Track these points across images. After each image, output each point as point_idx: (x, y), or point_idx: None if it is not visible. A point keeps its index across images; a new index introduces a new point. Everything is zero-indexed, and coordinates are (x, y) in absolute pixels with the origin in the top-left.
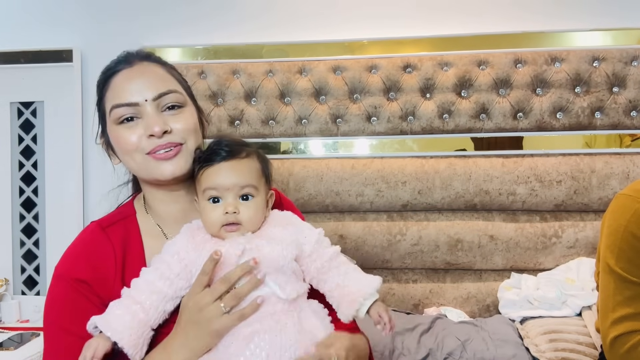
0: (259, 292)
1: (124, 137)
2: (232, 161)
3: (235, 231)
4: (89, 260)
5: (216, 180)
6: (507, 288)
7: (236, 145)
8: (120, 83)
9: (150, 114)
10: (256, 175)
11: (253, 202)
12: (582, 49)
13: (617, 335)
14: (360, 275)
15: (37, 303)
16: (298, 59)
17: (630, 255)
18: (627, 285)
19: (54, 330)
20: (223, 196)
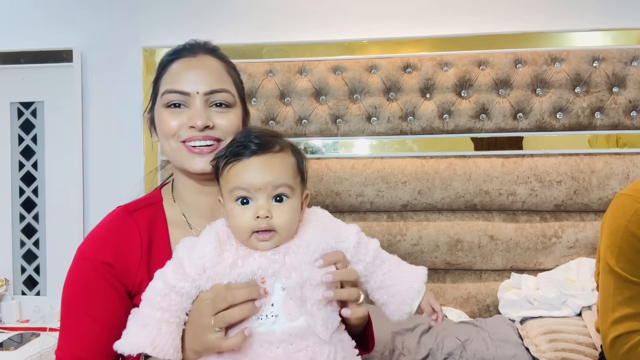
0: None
1: (166, 121)
2: (264, 156)
3: (268, 240)
4: (116, 244)
5: (246, 178)
6: (507, 288)
7: (268, 137)
8: (177, 70)
9: (197, 106)
10: (292, 173)
11: (288, 204)
12: (582, 49)
13: (617, 336)
14: (405, 270)
15: (37, 303)
16: (298, 59)
17: (631, 256)
18: (627, 285)
19: (74, 313)
20: (254, 197)
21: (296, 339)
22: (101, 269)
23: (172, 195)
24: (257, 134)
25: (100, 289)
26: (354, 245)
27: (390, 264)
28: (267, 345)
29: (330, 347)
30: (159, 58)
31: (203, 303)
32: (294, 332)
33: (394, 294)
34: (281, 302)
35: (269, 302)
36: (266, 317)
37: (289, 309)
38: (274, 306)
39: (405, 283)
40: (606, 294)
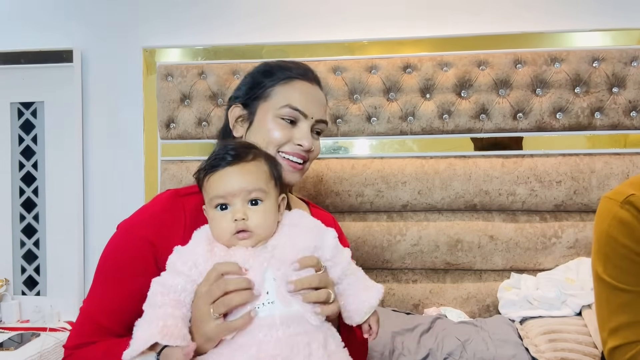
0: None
1: (277, 131)
2: (238, 165)
3: (246, 239)
4: (160, 224)
5: (222, 186)
6: (507, 288)
7: (242, 148)
8: (300, 89)
9: (306, 128)
10: (264, 178)
11: (262, 206)
12: (582, 49)
13: (615, 346)
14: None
15: (37, 303)
16: (298, 60)
17: (616, 261)
18: (618, 293)
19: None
20: (231, 203)
21: (293, 323)
22: (141, 243)
23: None
24: (232, 147)
25: (135, 262)
26: (333, 248)
27: (357, 276)
28: (267, 329)
29: (322, 334)
30: (159, 58)
31: (199, 296)
32: (291, 316)
33: (351, 303)
34: (274, 290)
35: (265, 290)
36: (263, 304)
37: (283, 296)
38: (269, 294)
39: (363, 298)
40: (599, 303)
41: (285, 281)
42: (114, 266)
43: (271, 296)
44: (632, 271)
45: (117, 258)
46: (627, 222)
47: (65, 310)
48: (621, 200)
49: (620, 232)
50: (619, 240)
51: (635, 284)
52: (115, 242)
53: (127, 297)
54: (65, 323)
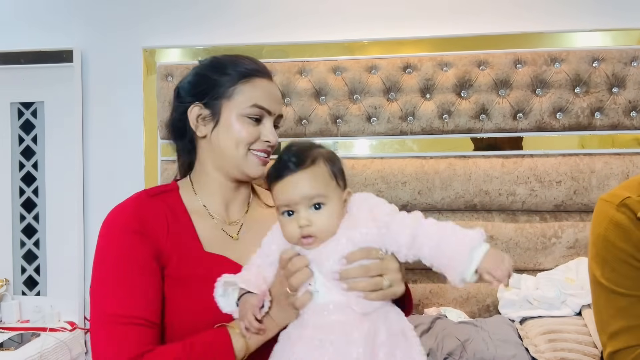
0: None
1: (245, 130)
2: (297, 174)
3: (311, 244)
4: (143, 219)
5: (285, 196)
6: (507, 288)
7: (302, 153)
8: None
9: (269, 125)
10: (324, 181)
11: (325, 210)
12: (582, 49)
13: (615, 351)
14: (455, 238)
15: (37, 303)
16: (298, 60)
17: (614, 265)
18: (616, 297)
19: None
20: (295, 209)
21: (336, 311)
22: (135, 235)
23: (193, 188)
24: (294, 151)
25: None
26: (384, 233)
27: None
28: (311, 312)
29: (369, 323)
30: (159, 58)
31: (280, 277)
32: (333, 305)
33: (445, 265)
34: (320, 282)
35: (311, 276)
36: (312, 292)
37: (327, 287)
38: (316, 284)
39: (453, 254)
40: (598, 307)
41: (330, 273)
42: (121, 259)
43: (318, 286)
44: (630, 275)
45: (120, 252)
46: (623, 225)
47: (65, 310)
48: (617, 203)
49: (617, 235)
50: (616, 243)
51: (634, 288)
52: (110, 238)
53: (150, 285)
54: (65, 323)
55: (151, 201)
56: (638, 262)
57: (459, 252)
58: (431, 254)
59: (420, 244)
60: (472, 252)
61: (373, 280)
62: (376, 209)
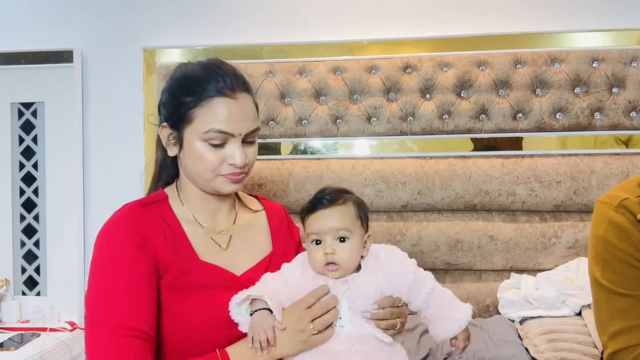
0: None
1: (208, 157)
2: (330, 208)
3: (335, 271)
4: (140, 231)
5: (316, 226)
6: (507, 288)
7: (336, 194)
8: (222, 110)
9: (237, 146)
10: (350, 219)
11: (349, 243)
12: (582, 49)
13: (615, 351)
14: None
15: (38, 303)
16: (298, 60)
17: (614, 266)
18: (617, 298)
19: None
20: (323, 239)
21: (357, 342)
22: (132, 247)
23: (180, 198)
24: (329, 192)
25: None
26: (409, 286)
27: (441, 305)
28: (335, 343)
29: (383, 352)
30: (159, 58)
31: (302, 312)
32: (357, 337)
33: (436, 328)
34: (347, 316)
35: (338, 315)
36: (337, 325)
37: (354, 321)
38: (342, 319)
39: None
40: (599, 308)
41: (359, 312)
42: (120, 271)
43: (343, 321)
44: (631, 275)
45: (118, 263)
46: (622, 227)
47: (65, 310)
48: (616, 205)
49: (617, 236)
50: (616, 244)
51: (634, 288)
52: (107, 250)
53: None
54: (65, 323)
55: (145, 212)
56: (638, 262)
57: (455, 320)
58: (433, 313)
59: (431, 301)
60: (463, 325)
61: (391, 322)
62: (406, 263)
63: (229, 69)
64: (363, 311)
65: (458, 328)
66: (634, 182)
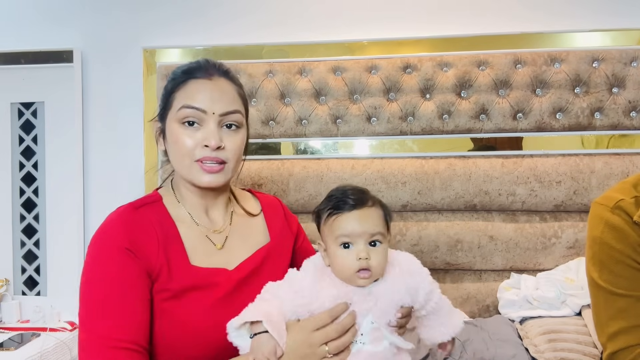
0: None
1: (182, 139)
2: (362, 209)
3: (367, 278)
4: (132, 235)
5: (349, 227)
6: (507, 288)
7: (361, 194)
8: (196, 88)
9: (211, 126)
10: (382, 223)
11: (381, 248)
12: (582, 49)
13: (615, 351)
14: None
15: (38, 303)
16: (298, 60)
17: (612, 267)
18: (615, 298)
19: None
20: (354, 242)
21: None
22: (124, 254)
23: (175, 197)
24: (352, 191)
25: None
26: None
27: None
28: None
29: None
30: (159, 58)
31: (312, 335)
32: (377, 353)
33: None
34: (369, 332)
35: (359, 332)
36: (356, 342)
37: (375, 337)
38: (363, 335)
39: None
40: (597, 309)
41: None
42: (111, 280)
43: (364, 338)
44: (628, 275)
45: (109, 272)
46: (619, 228)
47: (65, 310)
48: (612, 206)
49: (614, 237)
50: (613, 245)
51: (632, 288)
52: (98, 258)
53: (139, 306)
54: (65, 323)
55: (137, 214)
56: (635, 262)
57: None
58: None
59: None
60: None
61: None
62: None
63: (212, 61)
64: (388, 322)
65: (453, 334)
66: (629, 183)
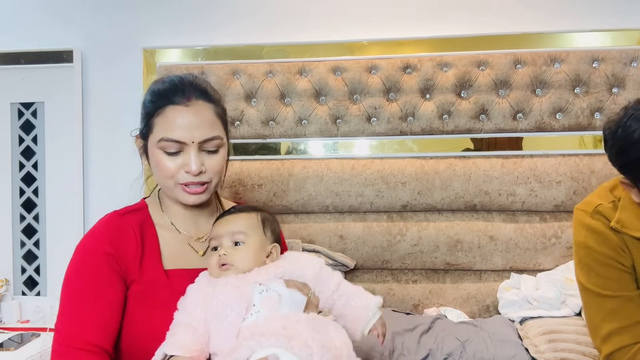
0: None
1: (164, 164)
2: (231, 215)
3: (227, 270)
4: (114, 239)
5: (215, 230)
6: (507, 288)
7: (243, 207)
8: (174, 118)
9: (192, 154)
10: (249, 225)
11: (243, 247)
12: (582, 49)
13: (609, 353)
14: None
15: (38, 303)
16: (298, 60)
17: (598, 269)
18: (604, 300)
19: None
20: (219, 244)
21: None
22: (104, 258)
23: (160, 207)
24: (238, 207)
25: (106, 276)
26: (316, 273)
27: (349, 295)
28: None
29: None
30: (159, 58)
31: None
32: (274, 317)
33: (350, 321)
34: (260, 301)
35: (252, 304)
36: (251, 314)
37: (269, 304)
38: (256, 305)
39: (358, 313)
40: (589, 312)
41: (272, 288)
42: (85, 283)
43: (257, 307)
44: (614, 277)
45: (88, 278)
46: (600, 231)
47: None
48: (591, 211)
49: (596, 241)
50: (596, 249)
51: (619, 289)
52: (78, 261)
53: (107, 310)
54: None
55: (121, 220)
56: (619, 263)
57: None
58: (345, 304)
59: (341, 291)
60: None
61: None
62: (313, 258)
63: (190, 79)
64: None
65: (370, 313)
66: (606, 188)
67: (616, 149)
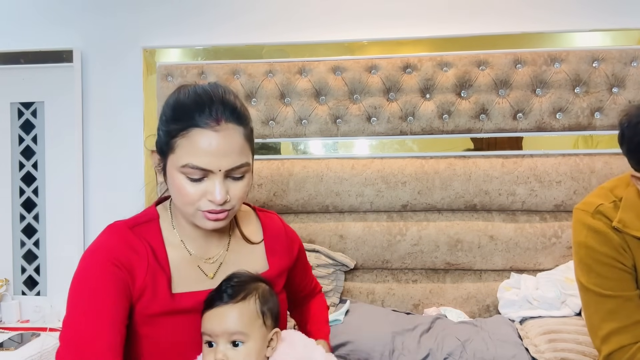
0: None
1: (186, 190)
2: (226, 306)
3: None
4: (123, 253)
5: (208, 326)
6: (507, 288)
7: (239, 286)
8: (201, 143)
9: (217, 182)
10: (248, 320)
11: (243, 348)
12: (582, 49)
13: (609, 353)
14: None
15: (37, 303)
16: (298, 60)
17: (598, 269)
18: (604, 300)
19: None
20: (215, 341)
21: None
22: (110, 270)
23: (172, 222)
24: (234, 283)
25: (108, 286)
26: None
27: None
28: None
29: None
30: (159, 58)
31: None
32: None
33: None
34: None
35: None
36: None
37: None
38: None
39: None
40: (589, 312)
41: None
42: (92, 293)
43: None
44: (614, 277)
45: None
46: (601, 231)
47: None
48: (592, 211)
49: (597, 241)
50: (597, 249)
51: (619, 289)
52: (85, 271)
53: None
54: None
55: (131, 235)
56: (620, 263)
57: None
58: None
59: None
60: None
61: None
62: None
63: (219, 95)
64: None
65: None
66: (606, 188)
67: (636, 141)
